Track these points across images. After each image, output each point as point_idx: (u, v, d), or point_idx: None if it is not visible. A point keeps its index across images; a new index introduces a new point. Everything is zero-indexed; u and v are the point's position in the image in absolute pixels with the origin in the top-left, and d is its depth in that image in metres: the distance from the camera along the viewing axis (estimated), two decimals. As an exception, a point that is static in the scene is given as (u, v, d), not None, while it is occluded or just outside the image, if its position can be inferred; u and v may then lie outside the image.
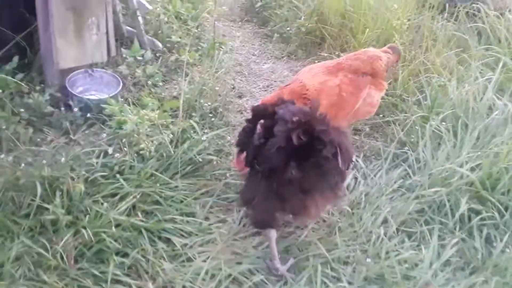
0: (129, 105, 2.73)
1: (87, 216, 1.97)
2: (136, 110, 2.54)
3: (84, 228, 1.91)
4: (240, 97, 3.28)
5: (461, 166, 2.38)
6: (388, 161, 2.56)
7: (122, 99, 2.83)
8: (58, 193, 2.01)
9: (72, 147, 2.36)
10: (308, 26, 3.87)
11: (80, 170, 2.15)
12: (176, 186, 2.24)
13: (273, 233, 1.92)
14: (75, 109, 2.52)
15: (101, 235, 1.90)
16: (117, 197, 2.09)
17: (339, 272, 1.96)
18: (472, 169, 2.39)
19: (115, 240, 1.91)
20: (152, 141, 2.29)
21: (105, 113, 2.50)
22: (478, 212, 2.26)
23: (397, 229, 2.18)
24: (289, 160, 1.67)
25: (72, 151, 2.28)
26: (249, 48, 4.09)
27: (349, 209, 2.23)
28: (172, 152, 2.31)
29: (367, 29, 3.37)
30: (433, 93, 2.91)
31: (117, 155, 2.24)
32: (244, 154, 1.89)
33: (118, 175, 2.17)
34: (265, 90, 3.47)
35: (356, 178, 2.46)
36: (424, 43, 3.35)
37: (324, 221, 2.22)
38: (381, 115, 3.08)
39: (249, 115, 1.88)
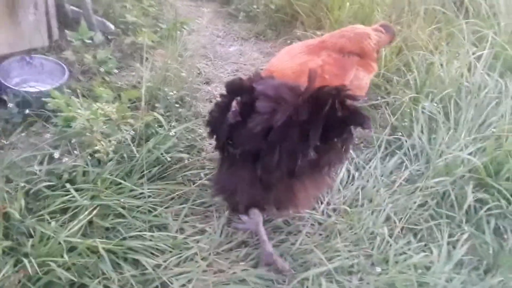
0: (78, 97, 2.29)
1: (31, 240, 1.56)
2: (87, 103, 2.11)
3: (27, 256, 1.50)
4: (207, 83, 2.90)
5: (460, 151, 2.15)
6: (382, 149, 2.29)
7: (69, 91, 2.38)
8: (-10, 213, 1.58)
9: (8, 152, 1.91)
10: (277, 3, 3.53)
11: (19, 181, 1.72)
12: (142, 194, 1.85)
13: (258, 217, 1.71)
14: (10, 105, 2.06)
15: (49, 264, 1.49)
16: (69, 213, 1.68)
17: (344, 285, 1.66)
18: (473, 154, 2.17)
19: (68, 269, 1.51)
20: (109, 141, 1.89)
21: (48, 108, 2.06)
22: (483, 202, 2.04)
23: (401, 228, 1.91)
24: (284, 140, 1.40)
25: (8, 157, 1.84)
26: (212, 29, 3.70)
27: (347, 208, 1.94)
28: (135, 152, 1.92)
29: (347, 4, 3.07)
30: (422, 72, 2.66)
31: (65, 159, 1.82)
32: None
33: (68, 185, 1.76)
34: (234, 75, 3.11)
35: (348, 171, 2.17)
36: (405, 18, 3.10)
37: (319, 223, 1.91)
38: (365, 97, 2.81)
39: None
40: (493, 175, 2.09)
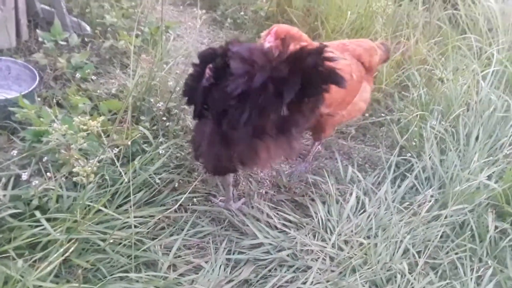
0: (50, 107, 1.99)
1: (-10, 285, 1.26)
2: (62, 114, 1.82)
3: (-15, 307, 1.20)
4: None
5: (475, 175, 1.99)
6: (391, 171, 2.10)
7: (39, 99, 2.08)
8: None
9: (-36, 173, 1.59)
10: (267, 10, 3.32)
11: (-23, 209, 1.41)
12: (127, 223, 1.57)
13: (229, 179, 1.82)
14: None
15: (14, 317, 1.20)
16: (39, 249, 1.38)
17: (366, 333, 1.44)
18: (489, 178, 2.01)
19: (38, 324, 1.22)
20: (89, 160, 1.59)
21: (15, 119, 1.75)
22: (503, 231, 1.88)
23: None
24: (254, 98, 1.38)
25: (-36, 179, 1.52)
26: (196, 35, 3.45)
27: (362, 240, 1.72)
28: (119, 174, 1.63)
29: (343, 13, 2.89)
30: (426, 88, 2.51)
31: (35, 182, 1.51)
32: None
33: (38, 214, 1.45)
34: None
35: (357, 197, 1.96)
36: (404, 31, 2.96)
37: (331, 258, 1.69)
38: (365, 114, 2.63)
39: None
40: (511, 202, 1.94)
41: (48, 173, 1.54)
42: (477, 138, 2.25)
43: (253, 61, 1.40)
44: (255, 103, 1.38)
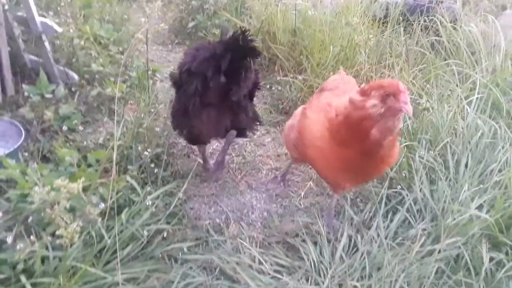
0: (36, 161, 2.00)
1: None
2: (47, 169, 1.82)
3: None
4: (184, 135, 2.65)
5: (467, 206, 1.98)
6: (382, 205, 2.09)
7: (26, 154, 2.08)
8: None
9: None
10: (253, 46, 3.37)
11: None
12: (116, 284, 1.54)
13: (203, 147, 2.26)
14: (-47, 178, 1.73)
15: None
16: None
17: None
18: (480, 207, 2.00)
19: None
20: (74, 214, 1.58)
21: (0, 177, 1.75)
22: (499, 263, 1.85)
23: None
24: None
25: None
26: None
27: (356, 283, 1.69)
28: (105, 230, 1.62)
29: (327, 47, 2.93)
30: (416, 116, 2.52)
31: (20, 245, 1.50)
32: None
33: (24, 278, 1.43)
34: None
35: (349, 236, 1.93)
36: (388, 60, 3.00)
37: (325, 303, 1.66)
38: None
39: None
40: (504, 231, 1.92)
41: (32, 237, 1.52)
42: (466, 165, 2.25)
43: (199, 48, 1.94)
44: (199, 76, 1.84)
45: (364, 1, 3.59)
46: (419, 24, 3.40)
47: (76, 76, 2.69)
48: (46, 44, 2.60)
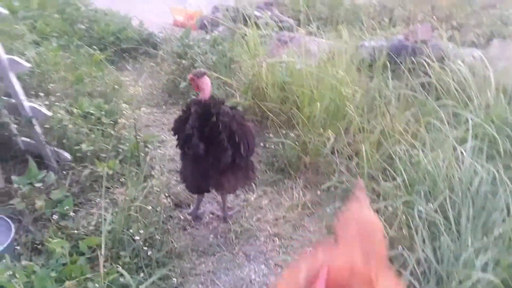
0: (27, 256, 1.98)
1: None
2: (38, 265, 1.79)
3: None
4: (178, 206, 2.63)
5: (472, 264, 1.90)
6: (384, 270, 2.01)
7: (19, 247, 2.06)
8: None
9: None
10: (243, 104, 3.39)
11: None
12: None
13: (200, 196, 2.53)
14: None
15: None
16: None
17: None
18: (485, 266, 1.92)
19: None
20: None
21: (-12, 284, 1.72)
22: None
23: None
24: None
25: None
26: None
27: None
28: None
29: (315, 101, 2.93)
30: (409, 167, 2.48)
31: None
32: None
33: None
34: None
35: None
36: (378, 108, 2.98)
37: None
38: (352, 202, 2.58)
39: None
40: (513, 287, 1.84)
41: None
42: (468, 215, 2.18)
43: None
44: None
45: (350, 47, 3.61)
46: (406, 65, 3.40)
47: (68, 156, 2.71)
48: (37, 127, 2.63)
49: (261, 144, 3.18)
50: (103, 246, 1.73)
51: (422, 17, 4.75)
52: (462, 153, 2.49)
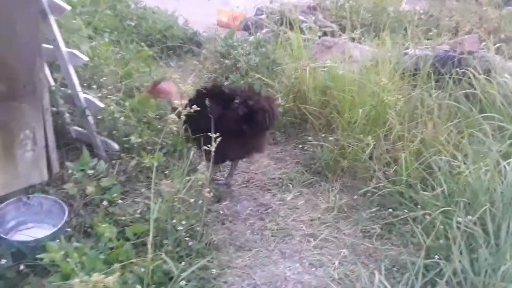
0: (78, 238, 2.11)
1: None
2: (88, 247, 1.92)
3: None
4: (218, 201, 2.72)
5: (511, 277, 1.89)
6: (419, 276, 2.03)
7: (70, 229, 2.20)
8: None
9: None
10: (285, 105, 3.46)
11: None
12: None
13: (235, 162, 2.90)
14: (3, 261, 1.85)
15: None
16: None
17: None
18: (525, 280, 1.90)
19: None
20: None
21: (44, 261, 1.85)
22: None
23: None
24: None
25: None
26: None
27: None
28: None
29: (355, 106, 2.96)
30: (449, 177, 2.47)
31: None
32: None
33: None
34: (246, 186, 2.95)
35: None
36: (420, 117, 2.97)
37: None
38: (389, 209, 2.60)
39: None
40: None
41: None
42: (507, 230, 2.16)
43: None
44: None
45: (393, 55, 3.61)
46: (451, 76, 3.37)
47: (117, 146, 2.85)
48: (90, 118, 2.78)
49: (300, 146, 3.23)
50: (151, 232, 1.83)
51: (470, 28, 4.66)
52: (505, 167, 2.47)
